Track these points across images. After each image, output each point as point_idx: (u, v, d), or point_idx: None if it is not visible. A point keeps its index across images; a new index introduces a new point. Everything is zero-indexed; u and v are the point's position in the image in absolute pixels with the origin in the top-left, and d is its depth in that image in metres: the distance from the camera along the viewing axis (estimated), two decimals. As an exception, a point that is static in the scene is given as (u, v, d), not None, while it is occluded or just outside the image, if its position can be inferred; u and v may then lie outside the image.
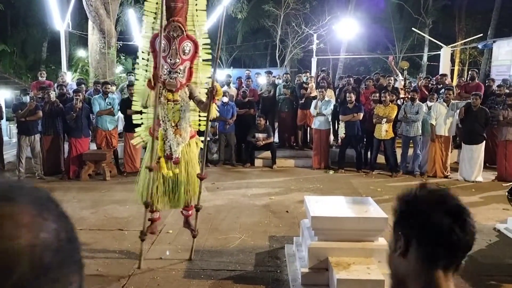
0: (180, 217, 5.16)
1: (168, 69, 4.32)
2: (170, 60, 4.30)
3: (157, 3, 4.35)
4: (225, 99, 9.77)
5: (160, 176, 4.53)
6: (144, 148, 5.20)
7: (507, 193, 5.99)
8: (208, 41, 4.56)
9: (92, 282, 4.36)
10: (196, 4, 4.44)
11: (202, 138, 4.74)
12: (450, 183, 8.67)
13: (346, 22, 20.43)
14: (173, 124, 4.42)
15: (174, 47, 4.25)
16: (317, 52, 19.76)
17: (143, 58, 4.60)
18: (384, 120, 8.98)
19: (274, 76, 11.96)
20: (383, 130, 9.02)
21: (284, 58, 22.93)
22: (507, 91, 9.69)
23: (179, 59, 4.30)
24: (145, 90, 4.43)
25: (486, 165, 9.19)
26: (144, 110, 4.66)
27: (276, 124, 11.32)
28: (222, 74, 15.07)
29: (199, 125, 4.76)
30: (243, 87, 10.90)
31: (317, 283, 4.14)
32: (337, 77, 13.71)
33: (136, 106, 4.74)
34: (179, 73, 4.33)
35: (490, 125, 8.99)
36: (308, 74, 12.17)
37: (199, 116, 4.71)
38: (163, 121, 4.42)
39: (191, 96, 4.48)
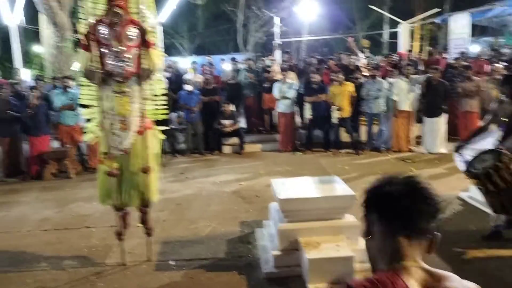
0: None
1: (113, 58, 3.96)
2: (114, 48, 3.95)
3: None
4: (189, 88, 9.64)
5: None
6: None
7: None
8: (156, 25, 4.15)
9: (60, 280, 4.25)
10: None
11: (161, 128, 4.49)
12: (415, 156, 8.88)
13: (306, 3, 20.40)
14: (121, 118, 4.08)
15: (116, 34, 3.92)
16: (280, 35, 19.67)
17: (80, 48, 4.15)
18: (336, 108, 9.15)
19: (237, 62, 11.87)
20: (334, 118, 9.23)
21: (247, 42, 22.77)
22: (464, 63, 9.93)
23: (124, 46, 3.96)
24: (82, 55, 4.04)
25: (449, 137, 9.43)
26: (93, 103, 4.25)
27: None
28: (186, 62, 14.87)
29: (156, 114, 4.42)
30: (206, 74, 10.79)
31: (289, 264, 4.17)
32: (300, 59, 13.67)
33: (84, 100, 4.35)
34: (126, 61, 3.98)
35: (450, 98, 9.19)
36: (271, 57, 12.12)
37: (156, 105, 4.38)
38: (110, 114, 4.09)
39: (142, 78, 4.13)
